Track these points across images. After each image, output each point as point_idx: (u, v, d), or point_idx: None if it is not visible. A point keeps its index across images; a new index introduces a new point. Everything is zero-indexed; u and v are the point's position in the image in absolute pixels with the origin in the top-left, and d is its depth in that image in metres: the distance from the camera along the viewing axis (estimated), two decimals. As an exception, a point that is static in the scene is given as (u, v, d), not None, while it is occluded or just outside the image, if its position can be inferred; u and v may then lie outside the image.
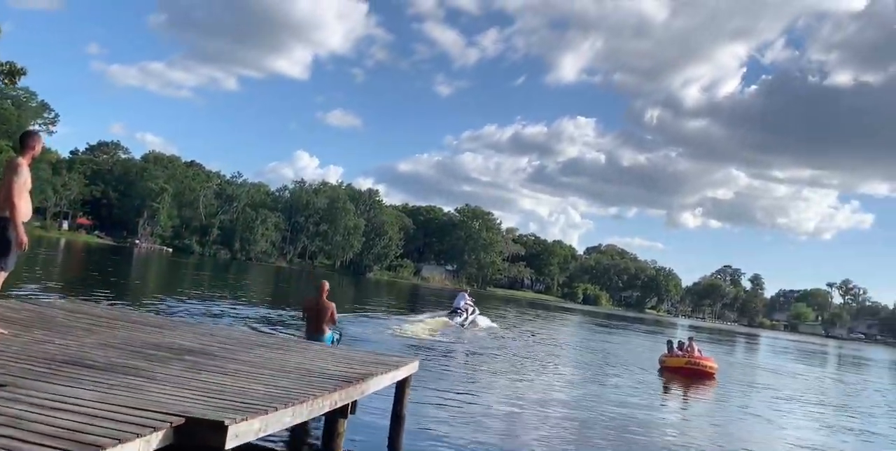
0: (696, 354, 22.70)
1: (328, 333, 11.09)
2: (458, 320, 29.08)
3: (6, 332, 6.29)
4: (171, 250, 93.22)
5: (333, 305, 11.11)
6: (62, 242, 73.71)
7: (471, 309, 31.38)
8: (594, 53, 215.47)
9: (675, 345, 23.65)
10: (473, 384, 14.43)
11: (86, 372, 5.24)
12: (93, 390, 4.71)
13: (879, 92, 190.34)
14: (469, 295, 33.77)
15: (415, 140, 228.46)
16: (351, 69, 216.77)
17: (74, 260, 45.75)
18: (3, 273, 6.54)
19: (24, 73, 21.76)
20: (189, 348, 7.08)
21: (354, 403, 6.50)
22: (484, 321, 32.11)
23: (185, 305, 22.71)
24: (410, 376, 8.35)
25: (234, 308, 24.17)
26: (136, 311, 14.05)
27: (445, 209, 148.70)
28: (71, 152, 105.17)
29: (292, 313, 24.19)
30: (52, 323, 7.56)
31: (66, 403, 4.20)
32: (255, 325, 18.69)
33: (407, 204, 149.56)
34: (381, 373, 7.11)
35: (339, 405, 5.97)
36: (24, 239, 6.46)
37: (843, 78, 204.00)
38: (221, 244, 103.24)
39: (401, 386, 8.39)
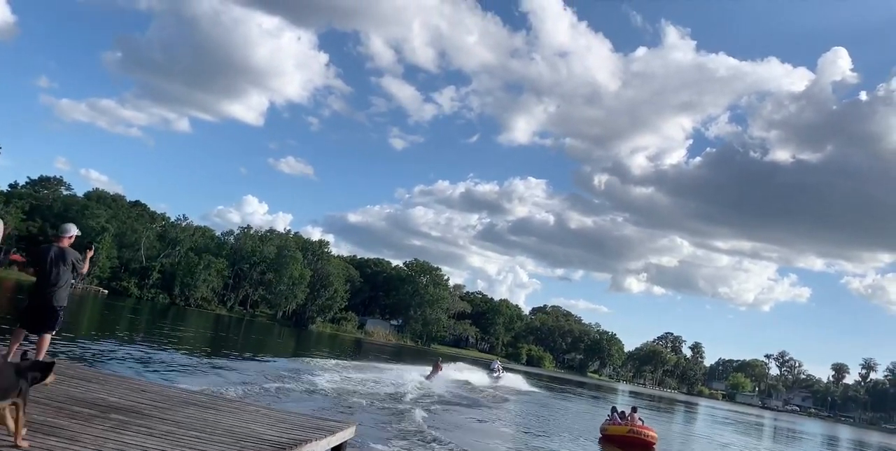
0: (638, 423, 22.70)
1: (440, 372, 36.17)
2: (494, 375, 47.75)
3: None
4: (107, 291, 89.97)
5: (443, 365, 38.50)
6: (-9, 278, 70.58)
7: (501, 370, 51.52)
8: (547, 117, 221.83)
9: (618, 414, 23.65)
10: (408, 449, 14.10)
11: (3, 431, 4.95)
12: (7, 452, 4.45)
13: (815, 171, 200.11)
14: (500, 361, 57.97)
15: (366, 191, 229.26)
16: (306, 118, 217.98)
17: (2, 299, 43.74)
18: None
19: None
20: (116, 406, 6.76)
21: (286, 470, 6.25)
22: (520, 381, 49.85)
23: (116, 352, 21.81)
24: (346, 442, 8.10)
25: (169, 357, 23.31)
26: (63, 360, 13.41)
27: (394, 263, 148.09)
28: (10, 185, 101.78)
29: (227, 362, 23.51)
30: (-29, 373, 7.15)
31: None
32: (187, 377, 18.02)
33: (355, 256, 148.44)
34: (316, 439, 6.88)
35: (271, 473, 5.75)
36: None
37: (782, 155, 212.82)
38: (161, 288, 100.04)
39: (336, 452, 8.13)
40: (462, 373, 43.28)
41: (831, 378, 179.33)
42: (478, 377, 44.77)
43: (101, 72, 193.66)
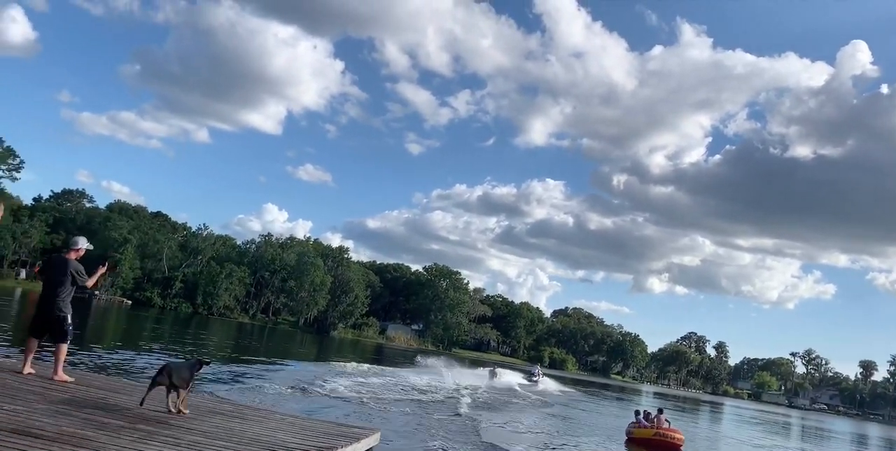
0: (664, 425, 22.50)
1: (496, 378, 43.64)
2: (534, 379, 52.22)
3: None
4: (130, 302, 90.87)
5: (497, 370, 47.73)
6: (18, 291, 71.59)
7: (541, 375, 55.60)
8: (563, 118, 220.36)
9: (643, 416, 23.45)
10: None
11: (34, 443, 5.00)
12: (38, 464, 4.50)
13: (837, 166, 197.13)
14: (540, 367, 65.34)
15: (384, 197, 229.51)
16: (324, 125, 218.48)
17: (29, 311, 44.36)
18: None
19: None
20: (143, 416, 6.82)
21: (313, 478, 6.26)
22: (554, 384, 54.95)
23: (141, 362, 22.02)
24: (372, 448, 8.11)
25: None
26: (90, 372, 13.58)
27: (413, 267, 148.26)
28: (34, 199, 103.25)
29: (252, 370, 23.64)
30: (1, 386, 7.25)
31: (8, 480, 4.01)
32: (212, 387, 18.14)
33: (374, 261, 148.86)
34: (342, 446, 6.90)
35: (298, 481, 5.76)
36: None
37: (802, 151, 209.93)
38: (183, 298, 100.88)
39: (362, 459, 8.13)
40: (505, 378, 48.54)
41: (859, 376, 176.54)
42: (520, 381, 49.34)
43: (121, 85, 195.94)
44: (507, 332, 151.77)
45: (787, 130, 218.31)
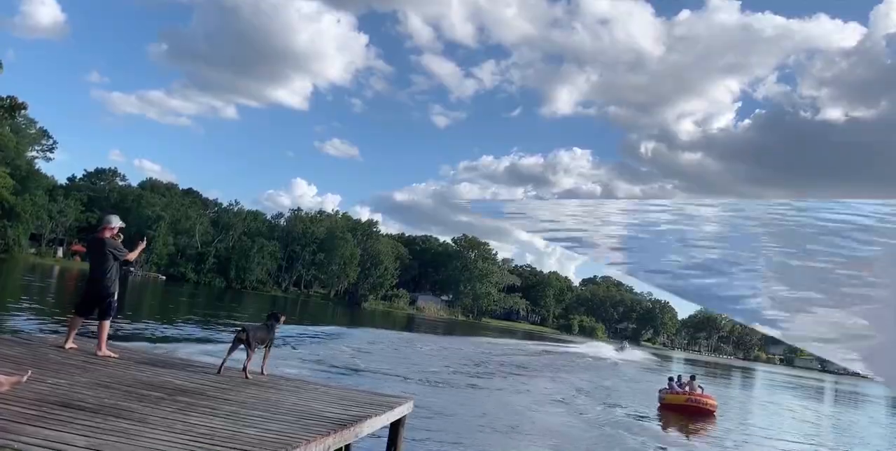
0: (696, 391, 22.53)
1: (624, 351, 69.80)
2: (625, 350, 70.17)
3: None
4: (164, 278, 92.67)
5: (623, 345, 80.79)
6: (56, 269, 73.33)
7: (628, 347, 78.04)
8: (589, 87, 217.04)
9: (676, 382, 23.48)
10: (470, 422, 14.26)
11: (77, 415, 5.16)
12: (83, 435, 4.63)
13: (870, 128, 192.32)
14: (627, 342, 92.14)
15: (412, 170, 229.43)
16: (350, 99, 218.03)
17: (68, 289, 45.42)
18: None
19: (25, 108, 21.76)
20: (182, 388, 6.99)
21: (348, 446, 6.39)
22: (641, 353, 73.01)
23: (178, 336, 22.52)
24: (405, 416, 8.24)
25: (229, 339, 23.92)
26: (129, 345, 13.91)
27: (441, 239, 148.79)
28: (68, 179, 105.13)
29: (286, 342, 24.04)
30: (45, 360, 7.47)
31: (54, 449, 4.15)
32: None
33: (403, 233, 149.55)
34: (377, 415, 7.01)
35: (333, 448, 5.88)
36: None
37: (834, 114, 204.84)
38: (217, 273, 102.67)
39: (395, 427, 8.27)
40: (627, 350, 69.16)
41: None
42: (609, 351, 65.35)
43: (149, 64, 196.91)
44: (536, 301, 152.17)
45: (818, 92, 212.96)
